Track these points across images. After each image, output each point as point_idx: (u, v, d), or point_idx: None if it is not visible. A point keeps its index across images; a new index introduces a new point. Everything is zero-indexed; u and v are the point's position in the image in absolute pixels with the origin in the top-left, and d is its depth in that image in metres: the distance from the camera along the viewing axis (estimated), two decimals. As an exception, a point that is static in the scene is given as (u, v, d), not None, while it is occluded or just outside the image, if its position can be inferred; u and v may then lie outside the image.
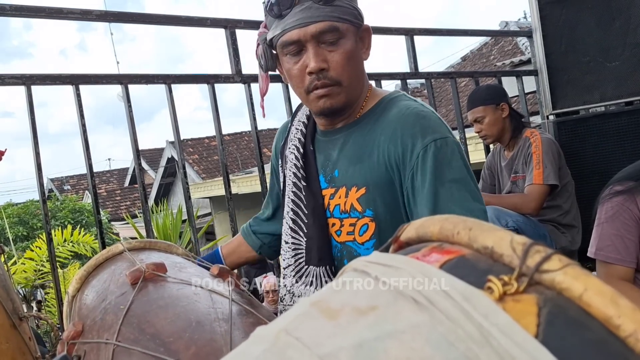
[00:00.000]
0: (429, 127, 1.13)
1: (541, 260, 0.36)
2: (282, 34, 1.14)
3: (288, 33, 1.13)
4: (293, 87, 1.22)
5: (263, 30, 1.22)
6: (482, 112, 2.63)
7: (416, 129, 1.12)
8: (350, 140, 1.23)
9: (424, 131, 1.12)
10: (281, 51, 1.17)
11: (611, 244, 1.44)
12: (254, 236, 1.53)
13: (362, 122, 1.23)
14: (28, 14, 1.78)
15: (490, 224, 0.42)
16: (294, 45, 1.14)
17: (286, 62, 1.18)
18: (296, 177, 1.30)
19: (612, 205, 1.47)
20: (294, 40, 1.13)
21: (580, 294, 0.34)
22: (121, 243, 1.30)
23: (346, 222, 1.23)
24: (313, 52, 1.12)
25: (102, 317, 0.97)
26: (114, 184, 20.51)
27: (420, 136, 1.12)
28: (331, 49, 1.14)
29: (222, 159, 2.18)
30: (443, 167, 1.10)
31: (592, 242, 1.50)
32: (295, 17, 1.12)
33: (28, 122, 1.74)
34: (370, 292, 0.40)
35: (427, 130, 1.12)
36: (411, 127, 1.13)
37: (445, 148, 1.11)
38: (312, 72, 1.13)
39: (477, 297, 0.35)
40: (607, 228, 1.46)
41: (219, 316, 0.91)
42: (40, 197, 1.75)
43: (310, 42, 1.12)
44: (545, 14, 2.94)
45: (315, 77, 1.14)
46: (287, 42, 1.14)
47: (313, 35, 1.12)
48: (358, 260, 0.46)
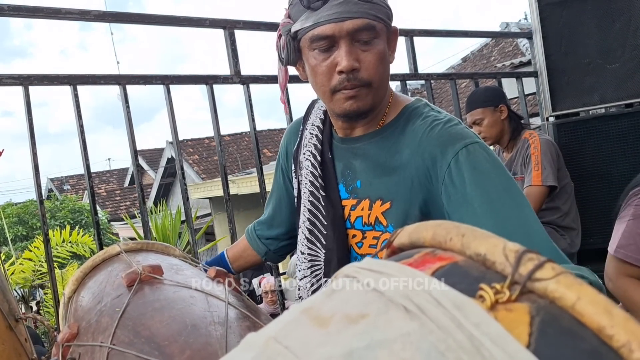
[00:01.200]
0: (457, 133, 1.05)
1: (534, 268, 0.36)
2: (313, 27, 1.06)
3: (321, 27, 1.05)
4: (316, 85, 1.13)
5: (287, 20, 1.12)
6: (480, 114, 2.62)
7: (443, 138, 1.04)
8: (374, 151, 1.15)
9: (452, 138, 1.04)
10: (309, 45, 1.09)
11: (634, 243, 1.41)
12: (259, 241, 1.49)
13: (385, 133, 1.15)
14: (26, 14, 1.77)
15: (484, 230, 0.41)
16: (326, 40, 1.05)
17: (313, 57, 1.09)
18: (313, 186, 1.23)
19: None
20: (327, 35, 1.05)
21: (573, 303, 0.34)
22: (118, 244, 1.29)
23: (369, 235, 1.16)
24: (346, 49, 1.04)
25: (97, 320, 0.97)
26: (113, 184, 20.51)
27: (449, 144, 1.03)
28: (365, 49, 1.06)
29: (220, 161, 2.17)
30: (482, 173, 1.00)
31: (614, 237, 1.46)
32: (331, 10, 1.03)
33: (26, 123, 1.73)
34: (362, 300, 0.39)
35: (455, 137, 1.04)
36: (437, 137, 1.05)
37: (480, 151, 1.02)
38: (342, 72, 1.05)
39: (468, 305, 0.35)
40: (633, 226, 1.42)
41: (214, 319, 0.91)
42: (38, 198, 1.74)
43: (344, 38, 1.04)
44: (546, 15, 2.93)
45: (345, 77, 1.06)
46: (318, 37, 1.06)
47: (349, 32, 1.04)
48: (350, 267, 0.45)
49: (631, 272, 1.41)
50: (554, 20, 2.93)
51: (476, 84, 3.08)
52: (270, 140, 16.41)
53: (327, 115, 1.26)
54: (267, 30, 2.31)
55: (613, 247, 1.45)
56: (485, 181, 0.99)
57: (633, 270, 1.41)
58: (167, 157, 16.46)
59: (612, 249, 1.45)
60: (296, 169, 1.31)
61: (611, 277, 1.44)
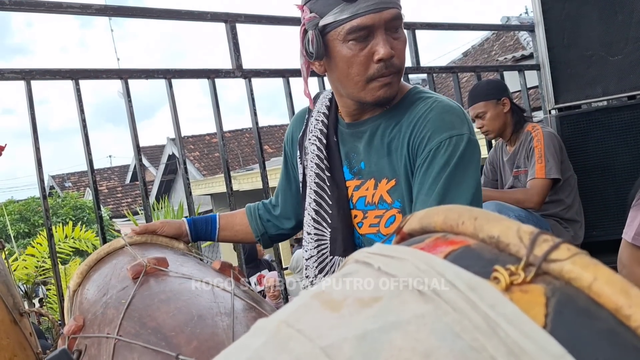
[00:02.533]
0: (450, 122, 1.13)
1: (549, 249, 0.35)
2: (352, 18, 1.11)
3: (361, 17, 1.10)
4: (349, 76, 1.17)
5: (312, 15, 1.16)
6: (483, 108, 2.61)
7: (437, 123, 1.13)
8: (378, 132, 1.23)
9: (444, 126, 1.12)
10: (344, 37, 1.13)
11: None
12: (259, 221, 1.51)
13: (390, 114, 1.22)
14: (27, 9, 1.77)
15: (496, 214, 0.41)
16: (364, 30, 1.11)
17: (347, 48, 1.13)
18: (319, 168, 1.30)
19: None
20: (367, 25, 1.11)
21: (590, 283, 0.34)
22: (122, 238, 1.29)
23: (370, 214, 1.24)
24: (383, 38, 1.12)
25: (103, 312, 0.97)
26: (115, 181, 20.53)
27: (438, 131, 1.12)
28: (396, 36, 1.14)
29: (222, 155, 2.17)
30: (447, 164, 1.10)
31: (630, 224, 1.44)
32: (368, 1, 1.09)
33: (28, 118, 1.73)
34: (374, 284, 0.39)
35: (446, 126, 1.12)
36: (433, 121, 1.13)
37: (460, 145, 1.11)
38: (382, 59, 1.12)
39: (483, 287, 0.35)
40: None
41: (221, 310, 0.90)
42: (41, 193, 1.74)
43: (381, 28, 1.11)
44: (548, 7, 2.92)
45: (383, 65, 1.13)
46: (358, 27, 1.11)
47: (386, 21, 1.11)
48: (360, 252, 0.45)
49: None
50: (556, 13, 2.91)
51: (478, 78, 3.07)
52: (272, 137, 16.40)
53: (332, 103, 1.33)
54: (268, 23, 2.30)
55: (630, 234, 1.43)
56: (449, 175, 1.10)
57: None
58: (168, 154, 16.45)
59: (629, 236, 1.43)
60: (301, 155, 1.37)
61: (625, 264, 1.43)
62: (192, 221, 1.45)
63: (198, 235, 1.45)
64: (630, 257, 1.42)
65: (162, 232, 1.36)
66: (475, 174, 1.13)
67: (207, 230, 1.47)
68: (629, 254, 1.43)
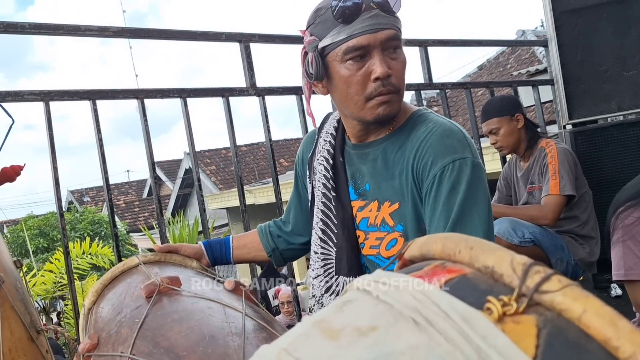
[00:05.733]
0: (451, 146, 1.14)
1: (541, 280, 0.37)
2: (348, 39, 1.14)
3: (356, 38, 1.14)
4: (348, 95, 1.20)
5: (312, 38, 1.21)
6: (497, 124, 2.61)
7: (439, 147, 1.14)
8: (382, 155, 1.24)
9: (446, 151, 1.14)
10: (341, 57, 1.17)
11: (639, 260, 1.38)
12: (270, 237, 1.54)
13: (394, 137, 1.24)
14: (47, 32, 1.81)
15: (492, 243, 0.42)
16: (360, 50, 1.14)
17: (345, 68, 1.17)
18: (326, 188, 1.32)
19: (633, 221, 1.41)
20: (362, 45, 1.14)
21: (580, 315, 0.35)
22: (137, 257, 1.32)
23: (372, 236, 1.25)
24: (380, 58, 1.14)
25: (117, 330, 0.99)
26: (132, 195, 20.71)
27: (441, 156, 1.13)
28: (393, 57, 1.17)
29: (237, 172, 2.20)
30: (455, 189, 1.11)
31: (617, 264, 1.41)
32: (364, 23, 1.13)
33: (47, 138, 1.77)
34: (372, 312, 0.40)
35: (448, 150, 1.14)
36: (434, 145, 1.15)
37: (464, 169, 1.12)
38: (379, 78, 1.15)
39: (476, 318, 0.36)
40: (631, 245, 1.40)
41: (232, 330, 0.92)
42: (58, 211, 1.77)
43: (377, 48, 1.14)
44: (561, 23, 2.92)
45: (380, 84, 1.15)
46: (354, 47, 1.14)
47: (382, 41, 1.14)
48: (362, 279, 0.46)
49: None
50: (570, 28, 2.92)
51: (492, 93, 3.07)
52: (287, 150, 16.47)
53: (340, 124, 1.35)
54: (282, 42, 2.34)
55: (621, 272, 1.38)
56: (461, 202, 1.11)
57: None
58: (184, 168, 16.60)
59: (620, 274, 1.37)
60: (310, 175, 1.40)
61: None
62: (207, 244, 1.48)
63: (215, 257, 1.48)
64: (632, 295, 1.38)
65: (183, 253, 1.40)
66: (484, 197, 1.14)
67: (222, 251, 1.49)
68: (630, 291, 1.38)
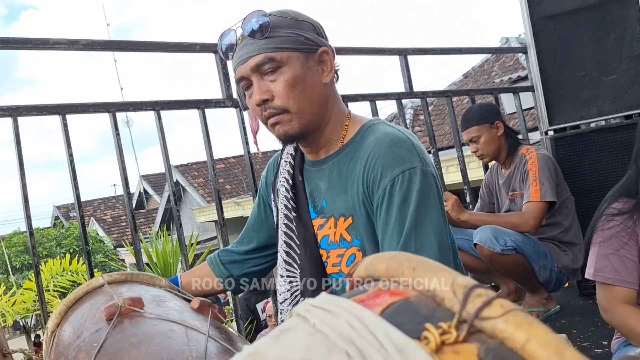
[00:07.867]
0: (399, 156, 1.12)
1: (482, 305, 0.33)
2: (234, 72, 1.20)
3: (236, 71, 1.19)
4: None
5: None
6: (477, 132, 2.60)
7: (387, 158, 1.12)
8: (335, 170, 1.22)
9: (395, 161, 1.11)
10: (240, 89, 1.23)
11: (609, 264, 1.39)
12: (222, 266, 1.45)
13: (344, 151, 1.22)
14: (14, 46, 1.78)
15: (436, 263, 0.39)
16: (243, 81, 1.18)
17: (247, 97, 1.22)
18: (287, 209, 1.29)
19: (610, 225, 1.42)
20: (241, 76, 1.18)
21: (523, 344, 0.31)
22: (102, 276, 1.27)
23: (333, 254, 1.22)
24: (256, 85, 1.16)
25: (74, 356, 0.94)
26: (119, 209, 20.54)
27: (389, 167, 1.11)
28: (272, 79, 1.16)
29: (214, 185, 2.16)
30: (406, 201, 1.09)
31: (589, 263, 1.45)
32: (237, 55, 1.17)
33: (15, 154, 1.73)
34: (306, 343, 0.37)
35: (397, 160, 1.11)
36: (382, 156, 1.13)
37: (414, 179, 1.10)
38: (257, 104, 1.17)
39: (411, 349, 0.32)
40: (605, 248, 1.41)
41: (192, 354, 0.88)
42: (28, 229, 1.72)
43: (253, 75, 1.16)
44: (539, 29, 2.92)
45: (262, 108, 1.17)
46: (237, 80, 1.20)
47: (252, 69, 1.15)
48: (303, 304, 0.43)
49: (620, 295, 1.37)
50: (548, 34, 2.91)
51: (472, 101, 3.06)
52: (275, 162, 16.41)
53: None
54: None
55: (590, 272, 1.42)
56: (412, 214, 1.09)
57: (618, 292, 1.37)
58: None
59: (589, 274, 1.43)
60: (274, 197, 1.36)
61: (604, 307, 1.40)
62: None
63: None
64: (605, 298, 1.39)
65: None
66: (436, 205, 1.11)
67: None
68: (603, 295, 1.40)
